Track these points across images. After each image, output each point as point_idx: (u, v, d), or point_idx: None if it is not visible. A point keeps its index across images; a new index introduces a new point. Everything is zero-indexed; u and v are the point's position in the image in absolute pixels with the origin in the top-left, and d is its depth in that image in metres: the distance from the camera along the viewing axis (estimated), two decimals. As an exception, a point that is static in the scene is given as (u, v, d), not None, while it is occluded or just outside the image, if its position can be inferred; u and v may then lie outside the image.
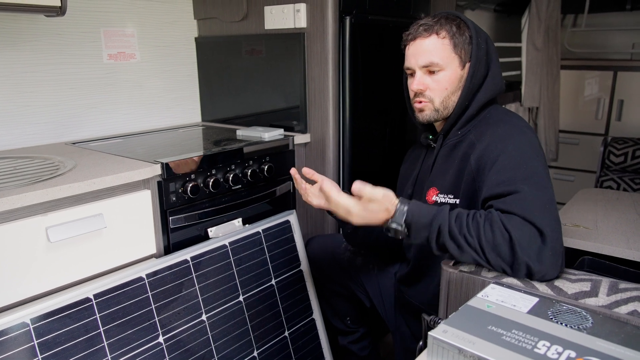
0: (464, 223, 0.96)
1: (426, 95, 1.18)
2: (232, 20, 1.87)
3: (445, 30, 1.14)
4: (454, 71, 1.15)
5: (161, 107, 1.97)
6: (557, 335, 0.70)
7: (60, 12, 1.29)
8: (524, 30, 2.79)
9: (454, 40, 1.14)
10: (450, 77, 1.15)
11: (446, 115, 1.19)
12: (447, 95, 1.17)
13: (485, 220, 0.94)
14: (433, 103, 1.18)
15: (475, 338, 0.69)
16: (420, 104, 1.20)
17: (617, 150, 2.55)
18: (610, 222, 1.51)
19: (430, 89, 1.17)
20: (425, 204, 1.04)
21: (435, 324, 0.83)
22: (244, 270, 1.46)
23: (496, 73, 1.18)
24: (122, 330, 1.17)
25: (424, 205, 1.03)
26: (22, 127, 1.59)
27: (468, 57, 1.16)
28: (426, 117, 1.20)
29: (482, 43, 1.15)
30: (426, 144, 1.29)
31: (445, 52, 1.14)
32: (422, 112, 1.20)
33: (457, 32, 1.14)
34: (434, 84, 1.16)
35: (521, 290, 0.85)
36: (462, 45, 1.15)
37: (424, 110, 1.20)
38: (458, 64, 1.16)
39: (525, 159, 1.01)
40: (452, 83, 1.16)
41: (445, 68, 1.15)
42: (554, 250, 0.89)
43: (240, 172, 1.52)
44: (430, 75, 1.16)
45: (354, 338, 1.67)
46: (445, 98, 1.17)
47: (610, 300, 0.82)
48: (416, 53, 1.17)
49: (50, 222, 1.11)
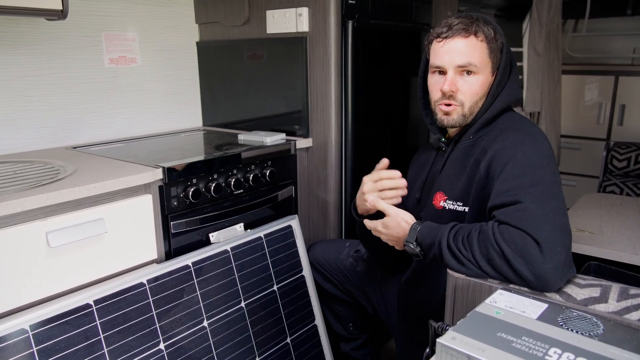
0: (459, 238, 0.96)
1: (457, 98, 1.13)
2: (234, 25, 1.86)
3: (483, 33, 1.11)
4: (487, 77, 1.13)
5: (162, 111, 1.96)
6: (568, 342, 0.68)
7: (62, 16, 1.28)
8: (525, 35, 2.79)
9: (490, 45, 1.12)
10: (483, 82, 1.13)
11: (470, 121, 1.16)
12: (476, 100, 1.14)
13: (480, 234, 0.94)
14: (463, 107, 1.13)
15: (485, 345, 0.67)
16: (449, 107, 1.14)
17: (620, 155, 2.54)
18: (615, 227, 1.50)
19: (462, 91, 1.12)
20: (435, 224, 1.04)
21: (443, 331, 0.81)
22: (246, 276, 1.44)
23: (515, 81, 1.16)
24: (122, 337, 1.15)
25: (434, 226, 1.04)
26: (23, 132, 1.58)
27: (497, 65, 1.14)
28: (452, 121, 1.15)
29: (508, 52, 1.14)
30: (438, 146, 1.25)
31: (482, 55, 1.11)
32: (449, 115, 1.15)
33: (493, 37, 1.12)
34: (467, 87, 1.12)
35: (530, 296, 0.83)
36: (495, 52, 1.13)
37: (450, 114, 1.14)
38: (490, 70, 1.13)
39: (532, 167, 0.99)
40: (483, 88, 1.13)
41: (480, 72, 1.12)
42: (554, 261, 0.86)
43: (242, 177, 1.51)
44: (463, 78, 1.12)
45: (356, 345, 1.65)
46: (474, 103, 1.14)
47: (621, 306, 0.80)
48: (452, 51, 1.11)
49: (51, 227, 1.09)
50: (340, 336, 1.66)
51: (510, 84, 1.15)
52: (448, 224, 1.02)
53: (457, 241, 0.96)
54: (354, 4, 1.64)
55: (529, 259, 0.87)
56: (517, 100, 1.19)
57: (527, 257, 0.87)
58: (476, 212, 1.10)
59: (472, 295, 0.92)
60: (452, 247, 0.96)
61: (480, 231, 0.94)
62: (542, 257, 0.86)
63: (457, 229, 0.99)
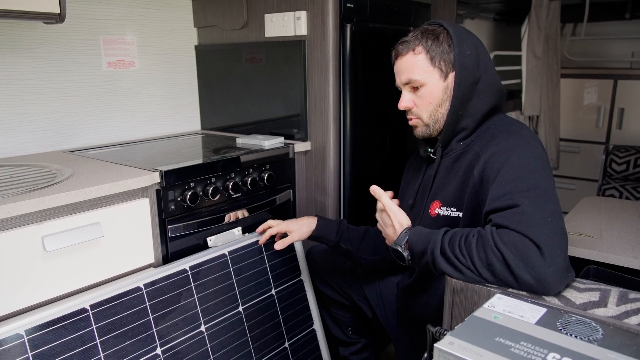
0: (456, 244, 0.95)
1: (414, 112, 1.19)
2: (232, 28, 1.86)
3: (421, 45, 1.14)
4: (435, 84, 1.14)
5: (160, 115, 1.96)
6: (567, 347, 0.68)
7: (60, 19, 1.28)
8: (524, 38, 2.79)
9: (430, 53, 1.13)
10: (432, 90, 1.15)
11: (439, 128, 1.18)
12: (433, 109, 1.16)
13: (478, 239, 0.93)
14: (422, 119, 1.19)
15: (483, 350, 0.67)
16: (411, 121, 1.22)
17: (619, 159, 2.53)
18: (614, 231, 1.50)
19: (416, 105, 1.18)
20: (426, 230, 1.04)
21: (441, 336, 0.81)
22: (244, 280, 1.43)
23: (491, 79, 1.15)
24: (119, 342, 1.14)
25: (425, 231, 1.04)
26: (20, 135, 1.57)
27: (451, 67, 1.13)
28: (420, 133, 1.22)
29: (469, 49, 1.12)
30: (425, 156, 1.27)
31: (422, 67, 1.14)
32: (416, 128, 1.22)
33: (434, 44, 1.13)
34: (419, 100, 1.17)
35: (528, 300, 0.83)
36: (441, 57, 1.13)
37: (416, 126, 1.22)
38: (439, 77, 1.14)
39: (527, 171, 0.99)
40: (435, 96, 1.15)
41: (426, 83, 1.14)
42: (555, 264, 0.86)
43: (240, 181, 1.51)
44: (415, 92, 1.17)
45: (355, 349, 1.64)
46: (432, 112, 1.16)
47: (620, 310, 0.80)
48: (398, 71, 1.19)
49: (47, 231, 1.09)
50: (339, 340, 1.65)
51: (485, 83, 1.13)
52: (440, 229, 1.01)
53: (453, 247, 0.95)
54: (353, 7, 1.64)
55: (529, 262, 0.86)
56: (502, 100, 1.18)
57: (528, 261, 0.86)
58: (470, 218, 1.09)
59: (471, 299, 0.92)
60: (448, 254, 0.95)
61: (478, 236, 0.93)
62: (543, 260, 0.86)
63: (451, 234, 0.98)
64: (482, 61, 1.14)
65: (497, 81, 1.17)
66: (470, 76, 1.12)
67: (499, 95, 1.16)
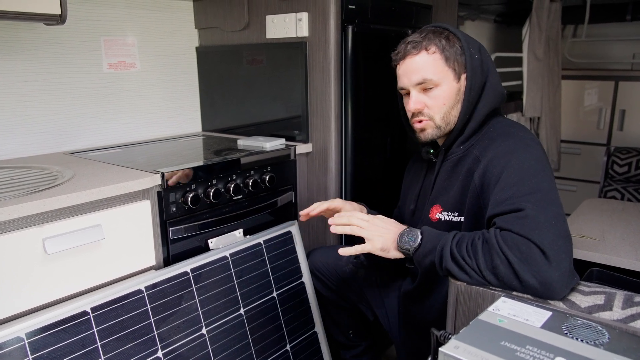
0: (463, 245, 0.95)
1: (425, 113, 1.15)
2: (233, 30, 1.86)
3: (434, 44, 1.11)
4: (450, 85, 1.13)
5: (161, 116, 1.96)
6: (573, 351, 0.67)
7: (60, 21, 1.28)
8: (525, 40, 2.79)
9: (444, 53, 1.11)
10: (447, 91, 1.12)
11: (449, 130, 1.16)
12: (446, 110, 1.14)
13: (484, 243, 0.92)
14: (434, 120, 1.15)
15: (488, 354, 0.66)
16: (421, 123, 1.16)
17: (621, 160, 2.53)
18: (617, 233, 1.49)
19: (428, 106, 1.14)
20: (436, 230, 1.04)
21: (446, 339, 0.80)
22: (245, 283, 1.43)
23: (495, 82, 1.15)
24: (120, 345, 1.13)
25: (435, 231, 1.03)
26: (21, 137, 1.57)
27: (463, 69, 1.13)
28: (429, 135, 1.17)
29: (475, 53, 1.12)
30: (427, 158, 1.26)
31: (437, 67, 1.11)
32: (424, 131, 1.17)
33: (447, 44, 1.12)
34: (432, 101, 1.13)
35: (533, 303, 0.82)
36: (455, 57, 1.12)
37: (425, 129, 1.17)
38: (453, 77, 1.13)
39: (529, 174, 0.98)
40: (449, 97, 1.13)
41: (440, 83, 1.12)
42: (561, 268, 0.85)
43: (241, 182, 1.50)
44: (426, 93, 1.13)
45: (356, 352, 1.63)
46: (445, 114, 1.14)
47: (626, 314, 0.79)
48: (408, 72, 1.14)
49: (48, 233, 1.08)
50: (341, 343, 1.65)
51: (490, 86, 1.13)
52: (446, 232, 1.01)
53: (460, 249, 0.95)
54: (354, 8, 1.64)
55: (534, 266, 0.85)
56: (502, 103, 1.17)
57: (533, 265, 0.86)
58: (472, 222, 1.09)
59: (475, 302, 0.91)
60: (455, 254, 0.95)
61: (483, 239, 0.93)
62: (548, 264, 0.85)
63: (460, 237, 0.98)
64: (486, 65, 1.14)
65: (499, 84, 1.16)
66: (479, 79, 1.12)
67: (499, 98, 1.16)
